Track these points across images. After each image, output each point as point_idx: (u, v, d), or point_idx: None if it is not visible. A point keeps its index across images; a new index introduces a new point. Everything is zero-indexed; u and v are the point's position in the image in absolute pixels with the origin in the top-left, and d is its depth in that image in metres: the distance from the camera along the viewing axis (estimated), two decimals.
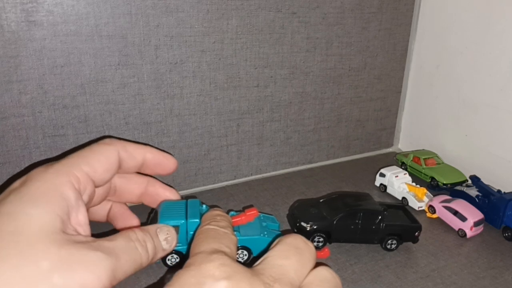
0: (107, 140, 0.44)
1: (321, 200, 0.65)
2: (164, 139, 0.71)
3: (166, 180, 0.74)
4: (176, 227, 0.51)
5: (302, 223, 0.60)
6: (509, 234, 0.65)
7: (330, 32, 0.80)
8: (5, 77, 0.58)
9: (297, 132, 0.84)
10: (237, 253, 0.56)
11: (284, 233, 0.63)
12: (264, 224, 0.59)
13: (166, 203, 0.56)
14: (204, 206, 0.57)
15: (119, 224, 0.54)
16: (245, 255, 0.57)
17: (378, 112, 0.93)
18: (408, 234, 0.62)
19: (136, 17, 0.63)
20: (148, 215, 0.58)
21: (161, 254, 0.43)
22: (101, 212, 0.53)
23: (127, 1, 0.62)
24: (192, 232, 0.54)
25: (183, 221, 0.52)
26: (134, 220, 0.54)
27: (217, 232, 0.37)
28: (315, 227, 0.60)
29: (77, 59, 0.61)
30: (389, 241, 0.61)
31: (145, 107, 0.68)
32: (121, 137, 0.68)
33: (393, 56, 0.89)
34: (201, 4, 0.67)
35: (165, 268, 0.56)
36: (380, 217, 0.60)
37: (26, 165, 0.64)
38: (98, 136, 0.66)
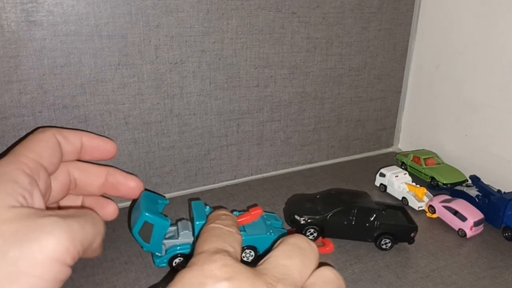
0: (41, 129, 0.45)
1: (317, 196, 0.65)
2: (164, 139, 0.71)
3: (165, 181, 0.74)
4: (151, 225, 0.51)
5: (296, 216, 0.61)
6: (509, 234, 0.65)
7: (330, 32, 0.80)
8: (5, 77, 0.58)
9: (297, 132, 0.84)
10: (244, 253, 0.56)
11: (288, 231, 0.63)
12: (268, 222, 0.59)
13: (148, 194, 0.56)
14: (207, 207, 0.57)
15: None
16: (252, 254, 0.57)
17: (378, 112, 0.93)
18: (403, 234, 0.62)
19: (136, 17, 0.63)
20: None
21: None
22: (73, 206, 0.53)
23: (127, 1, 0.62)
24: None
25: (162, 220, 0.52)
26: (111, 205, 0.54)
27: (222, 231, 0.37)
28: (308, 220, 0.60)
29: (77, 59, 0.61)
30: (383, 240, 0.61)
31: (145, 107, 0.68)
32: (121, 137, 0.68)
33: (393, 56, 0.89)
34: (201, 4, 0.67)
35: (166, 269, 0.56)
36: (374, 215, 0.61)
37: None
38: None
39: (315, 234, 0.61)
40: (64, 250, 0.31)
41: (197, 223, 0.53)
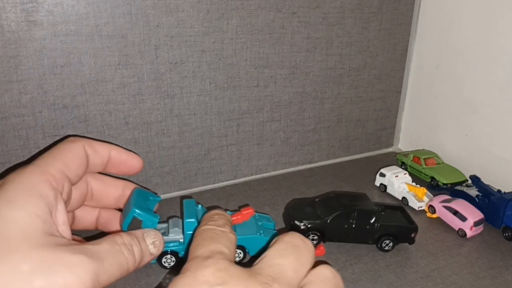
0: (71, 138, 0.44)
1: (316, 200, 0.65)
2: (164, 139, 0.71)
3: (165, 181, 0.74)
4: (140, 220, 0.52)
5: (296, 222, 0.61)
6: (509, 234, 0.65)
7: (330, 32, 0.80)
8: (5, 77, 0.58)
9: (297, 132, 0.84)
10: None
11: (279, 232, 0.63)
12: (259, 223, 0.60)
13: (139, 191, 0.56)
14: (199, 206, 0.58)
15: (111, 229, 0.54)
16: (241, 254, 0.57)
17: (378, 112, 0.93)
18: (404, 235, 0.61)
19: (136, 17, 0.63)
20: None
21: (148, 258, 0.42)
22: (89, 218, 0.53)
23: (127, 1, 0.62)
24: (189, 232, 0.54)
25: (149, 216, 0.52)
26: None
27: (215, 232, 0.36)
28: (309, 225, 0.60)
29: (77, 59, 0.61)
30: (385, 242, 0.61)
31: (145, 107, 0.68)
32: (121, 137, 0.68)
33: (393, 56, 0.89)
34: (201, 4, 0.67)
35: (166, 269, 0.56)
36: (374, 217, 0.60)
37: None
38: (98, 136, 0.66)
39: (316, 239, 0.61)
40: None
41: (187, 221, 0.54)
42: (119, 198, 0.53)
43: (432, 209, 0.70)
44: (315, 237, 0.60)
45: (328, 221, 0.60)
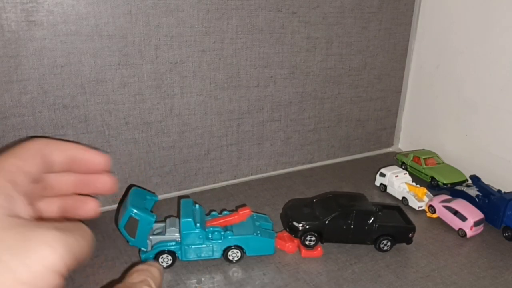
0: (31, 139, 0.44)
1: (314, 200, 0.65)
2: (164, 139, 0.71)
3: (165, 180, 0.74)
4: (136, 220, 0.52)
5: (294, 223, 0.60)
6: (509, 234, 0.65)
7: (330, 32, 0.80)
8: (5, 77, 0.58)
9: (297, 132, 0.84)
10: (231, 252, 0.57)
11: (277, 232, 0.63)
12: (257, 223, 0.60)
13: (136, 190, 0.57)
14: (197, 206, 0.58)
15: (80, 215, 0.52)
16: (238, 254, 0.57)
17: (378, 112, 0.93)
18: (402, 235, 0.61)
19: (136, 17, 0.63)
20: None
21: None
22: (50, 208, 0.51)
23: (127, 1, 0.62)
24: (185, 232, 0.55)
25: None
26: (90, 201, 0.51)
27: None
28: (307, 226, 0.60)
29: (77, 59, 0.61)
30: (383, 242, 0.61)
31: (145, 107, 0.68)
32: (121, 137, 0.68)
33: (393, 56, 0.89)
34: (201, 4, 0.67)
35: (166, 269, 0.56)
36: (373, 218, 0.60)
37: None
38: (98, 136, 0.66)
39: (313, 240, 0.60)
40: (62, 262, 0.31)
41: (183, 220, 0.54)
42: (75, 182, 0.51)
43: (432, 209, 0.70)
44: (313, 238, 0.60)
45: (327, 221, 0.60)
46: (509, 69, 0.74)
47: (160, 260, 0.55)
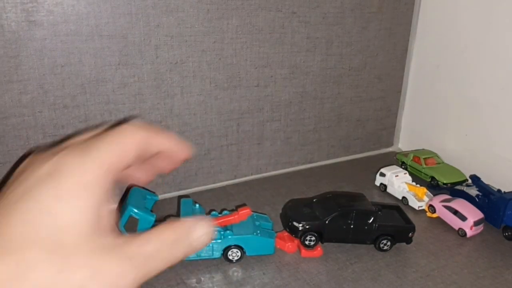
0: (129, 128, 0.39)
1: (314, 200, 0.65)
2: None
3: (165, 180, 0.74)
4: (136, 219, 0.52)
5: (294, 223, 0.60)
6: (509, 233, 0.65)
7: (330, 31, 0.80)
8: (6, 77, 0.58)
9: (297, 132, 0.84)
10: (231, 251, 0.57)
11: (277, 232, 0.63)
12: (257, 223, 0.60)
13: (136, 190, 0.56)
14: (197, 205, 0.58)
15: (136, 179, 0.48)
16: (238, 254, 0.57)
17: (378, 112, 0.93)
18: (402, 234, 0.61)
19: (137, 17, 0.63)
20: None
21: (190, 253, 0.41)
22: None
23: (127, 1, 0.62)
24: None
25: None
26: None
27: None
28: (307, 226, 0.60)
29: (78, 59, 0.61)
30: (382, 242, 0.61)
31: (145, 107, 0.68)
32: None
33: (393, 55, 0.89)
34: (201, 4, 0.67)
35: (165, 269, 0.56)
36: (373, 218, 0.60)
37: None
38: None
39: (313, 240, 0.60)
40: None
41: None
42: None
43: (432, 208, 0.70)
44: (313, 238, 0.60)
45: (327, 221, 0.60)
46: (509, 69, 0.74)
47: None
